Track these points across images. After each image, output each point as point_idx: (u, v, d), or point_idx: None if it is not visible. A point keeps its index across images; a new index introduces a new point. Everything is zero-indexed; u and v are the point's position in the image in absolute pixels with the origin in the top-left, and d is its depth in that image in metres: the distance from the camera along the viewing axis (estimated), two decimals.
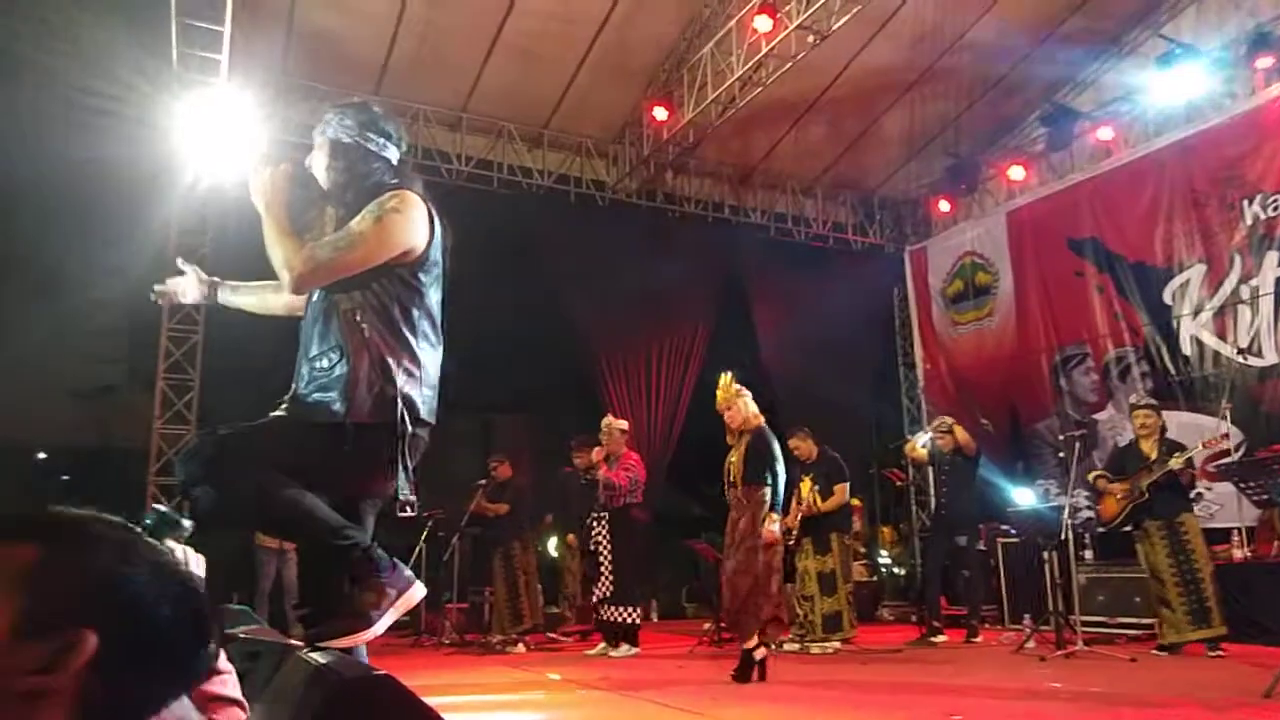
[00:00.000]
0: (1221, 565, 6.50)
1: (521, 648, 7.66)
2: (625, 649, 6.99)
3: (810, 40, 7.83)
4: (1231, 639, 6.01)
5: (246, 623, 2.90)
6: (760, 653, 5.18)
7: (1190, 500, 6.38)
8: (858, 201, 11.95)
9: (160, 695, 0.87)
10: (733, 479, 5.51)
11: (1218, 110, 8.61)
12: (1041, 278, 10.11)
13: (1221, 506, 7.65)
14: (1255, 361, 7.95)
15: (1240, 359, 7.93)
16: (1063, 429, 8.41)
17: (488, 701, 4.91)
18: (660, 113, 9.23)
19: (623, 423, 7.63)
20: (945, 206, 11.18)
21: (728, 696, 4.73)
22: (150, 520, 5.45)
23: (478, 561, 8.72)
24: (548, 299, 10.00)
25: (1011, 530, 8.55)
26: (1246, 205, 8.17)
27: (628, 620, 7.07)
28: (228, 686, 1.48)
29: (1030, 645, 6.44)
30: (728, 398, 5.58)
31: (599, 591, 7.17)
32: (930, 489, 9.13)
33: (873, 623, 9.46)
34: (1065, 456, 6.75)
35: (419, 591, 2.22)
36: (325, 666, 1.37)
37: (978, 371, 10.80)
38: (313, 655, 1.57)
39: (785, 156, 10.84)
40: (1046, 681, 5.00)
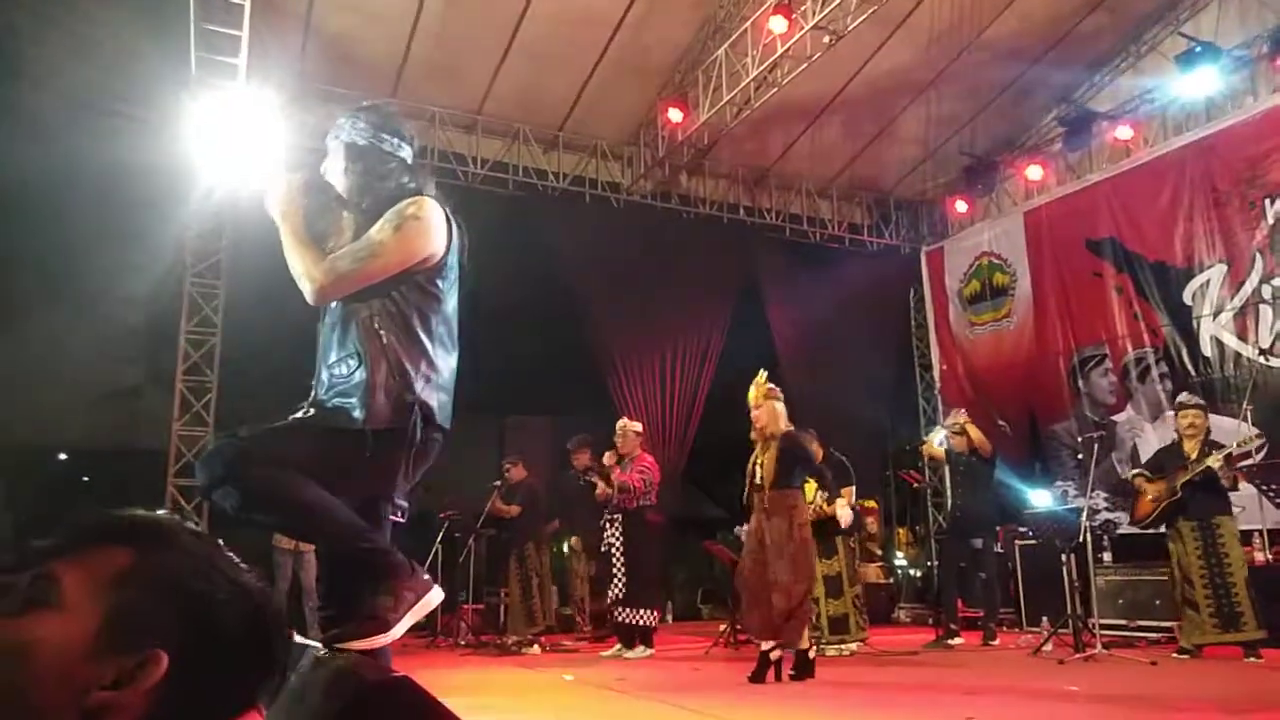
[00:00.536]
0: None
1: (537, 649, 7.66)
2: (641, 650, 6.99)
3: (826, 41, 7.81)
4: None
5: None
6: (776, 654, 5.16)
7: (1229, 502, 6.15)
8: (874, 202, 11.90)
9: (219, 717, 0.83)
10: (760, 482, 5.42)
11: (1239, 108, 8.55)
12: (1059, 278, 10.05)
13: (1243, 509, 7.55)
14: (1276, 362, 7.87)
15: (1262, 360, 7.86)
16: (1081, 431, 8.36)
17: (504, 703, 4.91)
18: (675, 114, 9.22)
19: (637, 425, 7.62)
20: (962, 207, 11.12)
21: (745, 698, 4.72)
22: None
23: (493, 563, 8.75)
24: (562, 301, 10.02)
25: (1029, 532, 8.48)
26: (1268, 204, 8.10)
27: (643, 622, 7.07)
28: None
29: (1048, 648, 6.38)
30: (759, 396, 5.54)
31: (612, 593, 7.18)
32: (947, 491, 9.08)
33: (889, 625, 9.42)
34: (1083, 458, 6.70)
35: (437, 595, 2.23)
36: (344, 668, 1.37)
37: (995, 373, 10.74)
38: (332, 657, 1.57)
39: (801, 157, 10.80)
40: (1065, 684, 4.95)
